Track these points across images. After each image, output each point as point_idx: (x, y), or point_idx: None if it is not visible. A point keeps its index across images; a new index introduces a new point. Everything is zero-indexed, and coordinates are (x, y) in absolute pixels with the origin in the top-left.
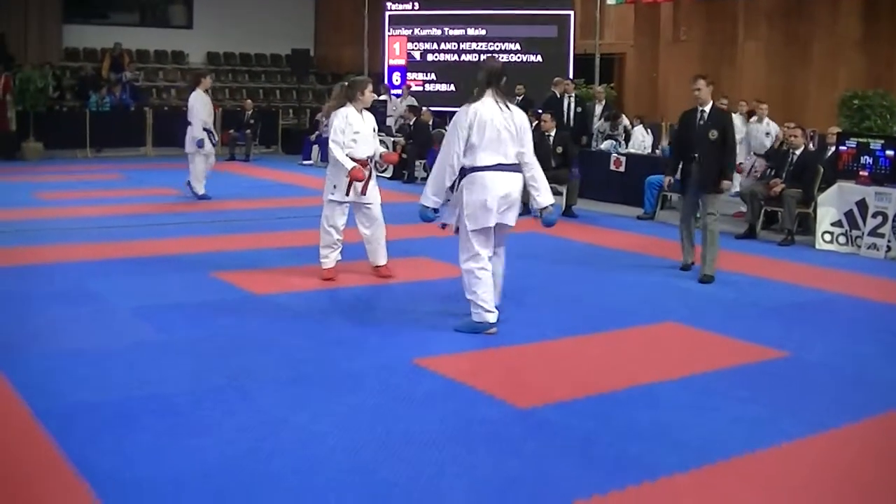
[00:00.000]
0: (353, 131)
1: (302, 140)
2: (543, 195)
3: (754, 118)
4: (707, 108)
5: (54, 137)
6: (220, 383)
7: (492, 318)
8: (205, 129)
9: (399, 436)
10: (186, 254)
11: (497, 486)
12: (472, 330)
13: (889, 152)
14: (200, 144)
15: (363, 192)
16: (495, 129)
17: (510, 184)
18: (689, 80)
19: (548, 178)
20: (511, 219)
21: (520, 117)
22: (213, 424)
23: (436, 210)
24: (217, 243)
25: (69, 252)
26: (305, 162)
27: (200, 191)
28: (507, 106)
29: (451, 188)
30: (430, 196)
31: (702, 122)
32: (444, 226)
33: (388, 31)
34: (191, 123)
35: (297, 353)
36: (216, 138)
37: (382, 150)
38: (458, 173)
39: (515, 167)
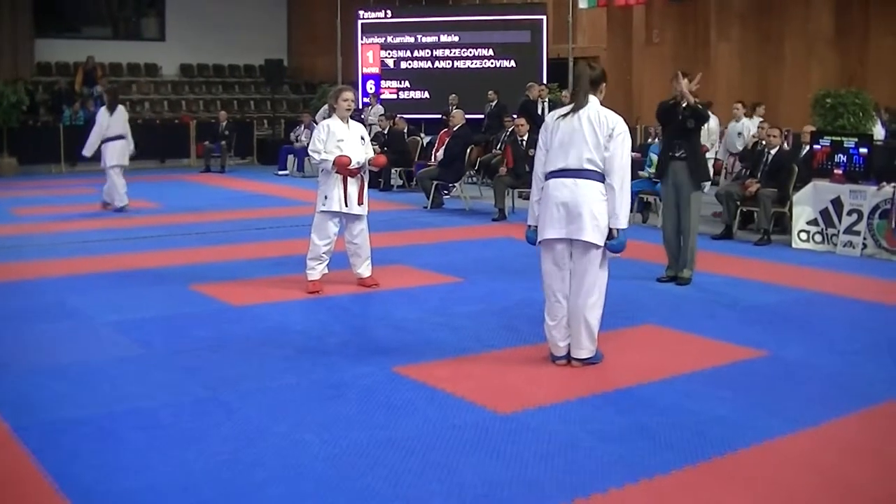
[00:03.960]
0: (336, 139)
1: (277, 150)
2: (614, 215)
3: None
4: (685, 104)
5: (29, 152)
6: (201, 395)
7: (555, 351)
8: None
9: (380, 443)
10: (164, 267)
11: (478, 492)
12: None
13: (863, 150)
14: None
15: (360, 202)
16: (566, 132)
17: (571, 190)
18: (671, 76)
19: (523, 183)
20: (578, 232)
21: (610, 122)
22: (195, 436)
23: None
24: (195, 256)
25: (47, 268)
26: (281, 172)
27: (126, 201)
28: (596, 111)
29: None
30: (530, 214)
31: (681, 117)
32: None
33: (361, 39)
34: (123, 137)
35: (277, 363)
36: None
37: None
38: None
39: (583, 172)
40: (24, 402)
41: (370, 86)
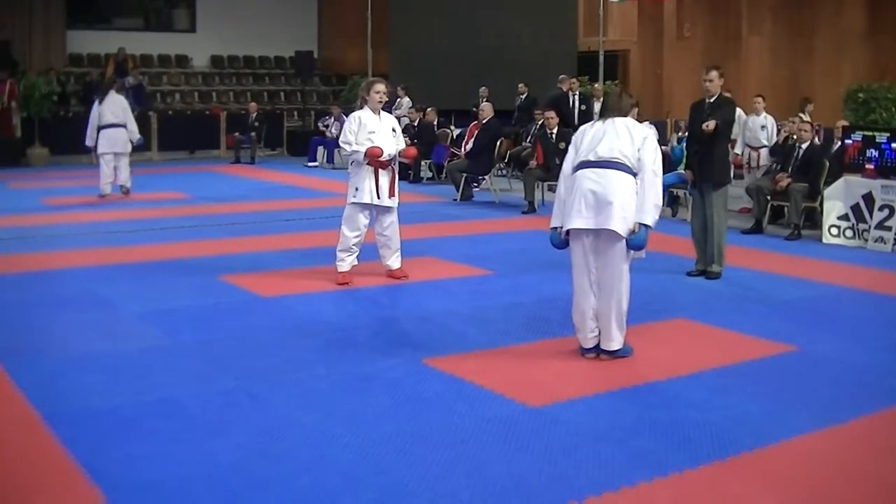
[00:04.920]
0: (367, 131)
1: (307, 142)
2: (638, 210)
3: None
4: (713, 100)
5: (59, 143)
6: (229, 386)
7: (584, 343)
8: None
9: (409, 435)
10: (193, 257)
11: (507, 485)
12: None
13: (895, 145)
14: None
15: (391, 194)
16: (597, 131)
17: (601, 177)
18: (702, 70)
19: (553, 176)
20: (606, 221)
21: (641, 131)
22: (223, 427)
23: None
24: (224, 246)
25: (76, 257)
26: (311, 164)
27: (109, 190)
28: (623, 121)
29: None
30: (554, 215)
31: (706, 115)
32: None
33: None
34: (122, 125)
35: (306, 354)
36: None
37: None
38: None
39: (613, 163)
40: (53, 390)
41: None
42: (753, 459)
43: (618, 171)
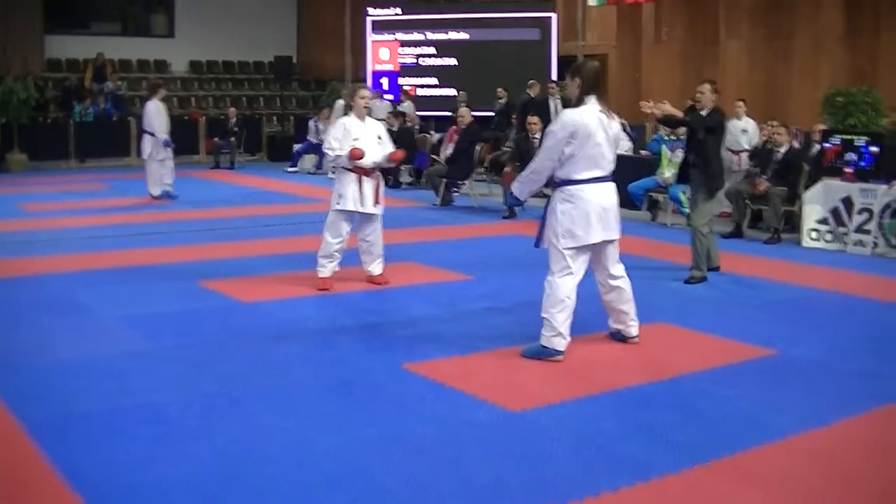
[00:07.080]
0: (352, 138)
1: (285, 147)
2: None
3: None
4: (705, 112)
5: (38, 149)
6: (210, 391)
7: (561, 345)
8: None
9: (390, 440)
10: (173, 263)
11: (488, 489)
12: (536, 355)
13: (873, 149)
14: (168, 143)
15: (375, 201)
16: (597, 140)
17: (607, 194)
18: (680, 73)
19: None
20: (615, 232)
21: (618, 126)
22: (203, 432)
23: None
24: (204, 252)
25: (56, 263)
26: (291, 169)
27: (157, 192)
28: (608, 114)
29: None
30: (524, 193)
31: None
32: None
33: (371, 36)
34: (146, 131)
35: (286, 359)
36: (172, 144)
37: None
38: (545, 182)
39: (611, 177)
40: (32, 396)
41: (384, 83)
42: (736, 462)
43: (614, 183)
